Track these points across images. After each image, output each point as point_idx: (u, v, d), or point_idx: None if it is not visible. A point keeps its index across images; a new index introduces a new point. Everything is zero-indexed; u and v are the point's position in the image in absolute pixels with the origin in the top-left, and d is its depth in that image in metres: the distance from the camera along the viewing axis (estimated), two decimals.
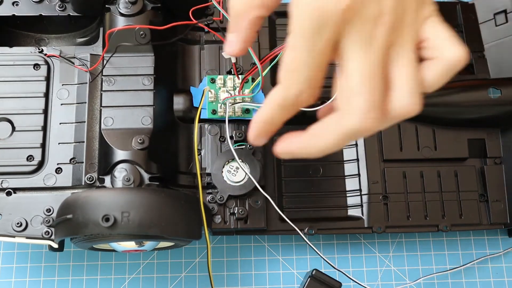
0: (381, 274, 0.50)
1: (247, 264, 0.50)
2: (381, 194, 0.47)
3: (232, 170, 0.45)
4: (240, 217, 0.44)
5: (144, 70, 0.44)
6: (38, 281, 0.49)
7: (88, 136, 0.44)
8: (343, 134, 0.27)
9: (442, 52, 0.27)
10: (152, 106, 0.43)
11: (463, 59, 0.27)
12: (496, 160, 0.49)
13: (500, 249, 0.51)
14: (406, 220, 0.47)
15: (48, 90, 0.46)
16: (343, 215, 0.48)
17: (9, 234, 0.42)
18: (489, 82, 0.49)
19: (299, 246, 0.51)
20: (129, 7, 0.44)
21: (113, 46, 0.43)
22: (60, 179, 0.44)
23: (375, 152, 0.48)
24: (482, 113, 0.49)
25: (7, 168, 0.43)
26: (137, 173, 0.41)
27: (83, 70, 0.45)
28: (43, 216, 0.42)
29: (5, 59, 0.46)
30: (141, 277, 0.50)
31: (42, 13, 0.47)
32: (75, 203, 0.38)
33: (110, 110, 0.43)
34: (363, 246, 0.51)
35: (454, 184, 0.48)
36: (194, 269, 0.50)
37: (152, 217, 0.38)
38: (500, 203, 0.48)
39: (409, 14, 0.27)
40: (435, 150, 0.49)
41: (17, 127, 0.44)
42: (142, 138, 0.41)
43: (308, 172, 0.49)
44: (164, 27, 0.43)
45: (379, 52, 0.26)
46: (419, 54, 0.28)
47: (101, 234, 0.38)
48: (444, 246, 0.51)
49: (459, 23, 0.53)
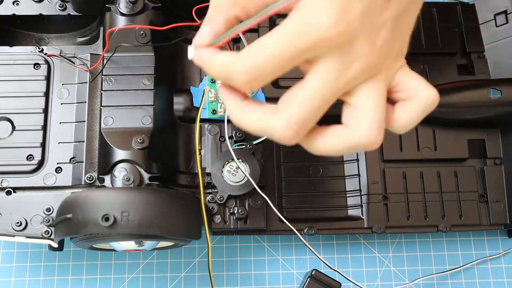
0: (381, 274, 0.50)
1: (247, 264, 0.50)
2: (381, 195, 0.47)
3: (232, 170, 0.45)
4: (240, 217, 0.44)
5: (144, 70, 0.44)
6: (38, 280, 0.49)
7: (88, 136, 0.44)
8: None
9: (419, 92, 0.28)
10: (152, 105, 0.43)
11: (437, 100, 0.28)
12: (496, 160, 0.49)
13: (500, 249, 0.51)
14: (406, 220, 0.47)
15: (48, 90, 0.46)
16: (343, 215, 0.48)
17: (9, 233, 0.42)
18: (489, 82, 0.49)
19: (298, 246, 0.51)
20: (129, 7, 0.44)
21: (114, 45, 0.43)
22: (60, 178, 0.44)
23: (375, 152, 0.48)
24: (482, 113, 0.49)
25: (7, 168, 0.43)
26: (137, 172, 0.41)
27: (83, 69, 0.45)
28: (43, 216, 0.42)
29: (5, 59, 0.46)
30: (140, 277, 0.50)
31: (42, 13, 0.47)
32: (75, 203, 0.38)
33: (110, 110, 0.43)
34: (363, 246, 0.51)
35: (454, 184, 0.48)
36: (193, 269, 0.50)
37: (152, 217, 0.38)
38: (500, 203, 0.48)
39: (389, 58, 0.27)
40: (435, 150, 0.49)
41: (17, 126, 0.44)
42: (142, 138, 0.41)
43: (308, 172, 0.49)
44: (165, 28, 0.43)
45: (345, 82, 0.26)
46: (390, 97, 0.29)
47: (101, 233, 0.38)
48: (444, 246, 0.51)
49: (459, 24, 0.53)
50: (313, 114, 0.26)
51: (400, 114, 0.28)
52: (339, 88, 0.26)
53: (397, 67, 0.28)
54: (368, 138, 0.27)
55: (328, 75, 0.26)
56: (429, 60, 0.51)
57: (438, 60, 0.51)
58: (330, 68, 0.26)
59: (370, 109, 0.27)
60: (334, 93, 0.26)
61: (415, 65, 0.51)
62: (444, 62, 0.52)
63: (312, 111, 0.26)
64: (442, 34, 0.52)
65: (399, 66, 0.29)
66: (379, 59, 0.26)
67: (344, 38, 0.25)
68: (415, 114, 0.28)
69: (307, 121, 0.26)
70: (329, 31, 0.24)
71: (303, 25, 0.25)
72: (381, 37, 0.26)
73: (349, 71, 0.26)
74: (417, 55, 0.51)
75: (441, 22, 0.52)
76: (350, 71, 0.26)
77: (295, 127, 0.26)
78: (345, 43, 0.25)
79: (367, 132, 0.27)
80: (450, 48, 0.52)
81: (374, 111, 0.27)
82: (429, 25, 0.52)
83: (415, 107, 0.28)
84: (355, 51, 0.25)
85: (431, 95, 0.28)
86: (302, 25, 0.25)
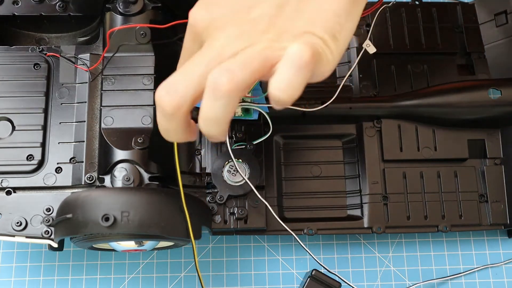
0: (381, 274, 0.50)
1: (247, 264, 0.50)
2: (381, 195, 0.47)
3: (232, 170, 0.45)
4: (240, 217, 0.44)
5: (144, 70, 0.44)
6: (38, 280, 0.49)
7: (88, 136, 0.44)
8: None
9: (289, 49, 0.28)
10: (152, 105, 0.43)
11: (305, 56, 0.27)
12: (496, 160, 0.49)
13: (500, 249, 0.51)
14: (406, 220, 0.47)
15: (48, 90, 0.46)
16: (343, 215, 0.48)
17: (9, 233, 0.42)
18: (489, 82, 0.49)
19: (298, 246, 0.50)
20: (129, 7, 0.44)
21: (114, 45, 0.43)
22: (60, 178, 0.44)
23: (375, 152, 0.48)
24: (482, 113, 0.49)
25: (7, 168, 0.43)
26: (137, 172, 0.41)
27: (83, 69, 0.45)
28: (43, 216, 0.42)
29: (5, 59, 0.46)
30: (140, 277, 0.50)
31: (42, 13, 0.47)
32: (75, 203, 0.38)
33: (110, 110, 0.43)
34: (363, 247, 0.51)
35: (454, 184, 0.48)
36: (193, 269, 0.50)
37: (152, 217, 0.38)
38: (500, 203, 0.48)
39: (268, 33, 0.29)
40: (435, 150, 0.49)
41: (17, 126, 0.44)
42: (142, 138, 0.41)
43: (308, 172, 0.49)
44: (165, 26, 0.43)
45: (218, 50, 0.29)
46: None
47: (101, 233, 0.38)
48: (444, 246, 0.51)
49: (459, 24, 0.53)
50: (183, 75, 0.29)
51: (273, 78, 0.28)
52: (212, 54, 0.29)
53: (289, 41, 0.28)
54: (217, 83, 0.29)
55: (202, 49, 0.30)
56: (429, 60, 0.51)
57: (438, 60, 0.51)
58: (204, 45, 0.30)
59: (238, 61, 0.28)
60: (208, 57, 0.29)
61: (415, 65, 0.51)
62: (444, 62, 0.52)
63: (183, 72, 0.29)
64: (442, 34, 0.52)
65: (292, 41, 0.28)
66: (253, 31, 0.29)
67: (212, 21, 0.30)
68: (286, 74, 0.27)
69: (179, 80, 0.29)
70: (196, 23, 0.31)
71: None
72: (254, 13, 0.29)
73: (219, 41, 0.29)
74: (417, 55, 0.51)
75: (441, 22, 0.52)
76: (220, 41, 0.29)
77: (165, 88, 0.30)
78: (216, 25, 0.30)
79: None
80: (450, 48, 0.52)
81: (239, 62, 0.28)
82: (429, 25, 0.52)
83: (284, 65, 0.28)
84: (226, 27, 0.29)
85: (298, 49, 0.27)
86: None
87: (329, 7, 0.29)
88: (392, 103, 0.48)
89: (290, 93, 0.28)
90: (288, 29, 0.29)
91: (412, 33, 0.52)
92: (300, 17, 0.29)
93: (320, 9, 0.29)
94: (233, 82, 0.27)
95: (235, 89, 0.27)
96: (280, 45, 0.28)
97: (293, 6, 0.29)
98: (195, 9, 0.31)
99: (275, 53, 0.28)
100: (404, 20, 0.52)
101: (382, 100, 0.49)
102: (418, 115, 0.48)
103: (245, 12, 0.29)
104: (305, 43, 0.28)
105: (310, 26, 0.29)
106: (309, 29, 0.29)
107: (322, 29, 0.29)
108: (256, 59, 0.28)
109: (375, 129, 0.49)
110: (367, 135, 0.48)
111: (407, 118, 0.49)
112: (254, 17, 0.29)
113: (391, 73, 0.50)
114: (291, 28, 0.29)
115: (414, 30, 0.52)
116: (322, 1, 0.30)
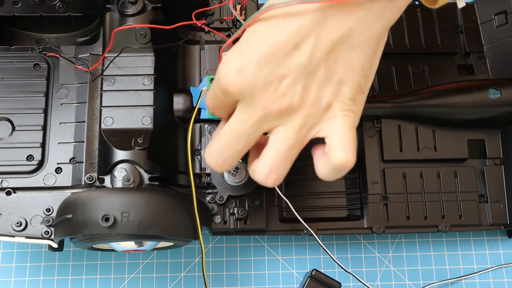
0: (381, 274, 0.50)
1: (247, 264, 0.50)
2: (380, 195, 0.47)
3: (232, 170, 0.45)
4: (239, 217, 0.44)
5: (144, 70, 0.44)
6: (38, 280, 0.49)
7: (88, 136, 0.44)
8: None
9: (332, 153, 0.31)
10: (152, 106, 0.43)
11: (346, 165, 0.31)
12: (496, 161, 0.49)
13: (500, 249, 0.51)
14: (406, 220, 0.47)
15: (48, 90, 0.45)
16: (343, 215, 0.48)
17: (8, 233, 0.42)
18: (489, 82, 0.49)
19: (298, 246, 0.51)
20: (129, 7, 0.44)
21: (115, 45, 0.43)
22: (60, 178, 0.44)
23: (375, 153, 0.48)
24: (482, 114, 0.49)
25: (7, 168, 0.43)
26: (137, 173, 0.41)
27: (83, 70, 0.45)
28: (42, 216, 0.42)
29: (5, 59, 0.46)
30: (140, 277, 0.50)
31: (42, 13, 0.47)
32: (75, 203, 0.38)
33: (110, 110, 0.43)
34: (363, 247, 0.51)
35: (454, 184, 0.48)
36: (193, 269, 0.50)
37: (152, 217, 0.38)
38: (499, 204, 0.48)
39: (308, 107, 0.31)
40: (435, 150, 0.49)
41: (17, 126, 0.44)
42: (142, 138, 0.41)
43: (308, 172, 0.49)
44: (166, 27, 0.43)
45: (250, 125, 0.32)
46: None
47: (101, 234, 0.38)
48: (444, 246, 0.51)
49: (459, 24, 0.53)
50: (227, 147, 0.33)
51: (318, 166, 0.33)
52: (246, 128, 0.32)
53: (326, 116, 0.31)
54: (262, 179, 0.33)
55: (237, 117, 0.32)
56: (429, 60, 0.51)
57: (438, 60, 0.51)
58: (239, 112, 0.32)
59: (271, 150, 0.32)
60: (244, 131, 0.32)
61: (415, 65, 0.51)
62: (444, 62, 0.52)
63: (225, 144, 0.32)
64: (442, 34, 0.52)
65: (330, 117, 0.30)
66: (284, 107, 0.30)
67: (242, 91, 0.31)
68: (328, 171, 0.32)
69: (224, 151, 0.33)
70: (228, 88, 0.31)
71: (217, 79, 0.32)
72: (284, 85, 0.30)
73: (253, 116, 0.31)
74: (417, 55, 0.51)
75: (441, 22, 0.52)
76: (253, 116, 0.31)
77: (212, 156, 0.34)
78: (245, 95, 0.30)
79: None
80: (450, 48, 0.52)
81: (272, 152, 0.32)
82: (429, 25, 0.52)
83: (328, 166, 0.31)
84: (256, 99, 0.30)
85: (340, 159, 0.30)
86: (216, 79, 0.32)
87: (356, 63, 0.30)
88: (392, 103, 0.48)
89: (326, 179, 0.33)
90: (321, 100, 0.30)
91: (412, 33, 0.52)
92: (331, 80, 0.30)
93: (348, 66, 0.30)
94: (278, 180, 0.33)
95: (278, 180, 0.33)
96: (315, 120, 0.31)
97: (322, 70, 0.30)
98: (226, 71, 0.31)
99: (311, 134, 0.31)
100: (404, 20, 0.52)
101: (382, 100, 0.49)
102: (418, 115, 0.48)
103: (277, 82, 0.30)
104: (344, 147, 0.30)
105: (340, 88, 0.30)
106: (339, 97, 0.30)
107: (351, 88, 0.30)
108: (293, 147, 0.31)
109: (375, 129, 0.49)
110: (367, 135, 0.48)
111: (407, 118, 0.49)
112: (286, 89, 0.30)
113: (391, 73, 0.51)
114: (324, 100, 0.30)
115: (414, 30, 0.52)
116: (351, 57, 0.30)
